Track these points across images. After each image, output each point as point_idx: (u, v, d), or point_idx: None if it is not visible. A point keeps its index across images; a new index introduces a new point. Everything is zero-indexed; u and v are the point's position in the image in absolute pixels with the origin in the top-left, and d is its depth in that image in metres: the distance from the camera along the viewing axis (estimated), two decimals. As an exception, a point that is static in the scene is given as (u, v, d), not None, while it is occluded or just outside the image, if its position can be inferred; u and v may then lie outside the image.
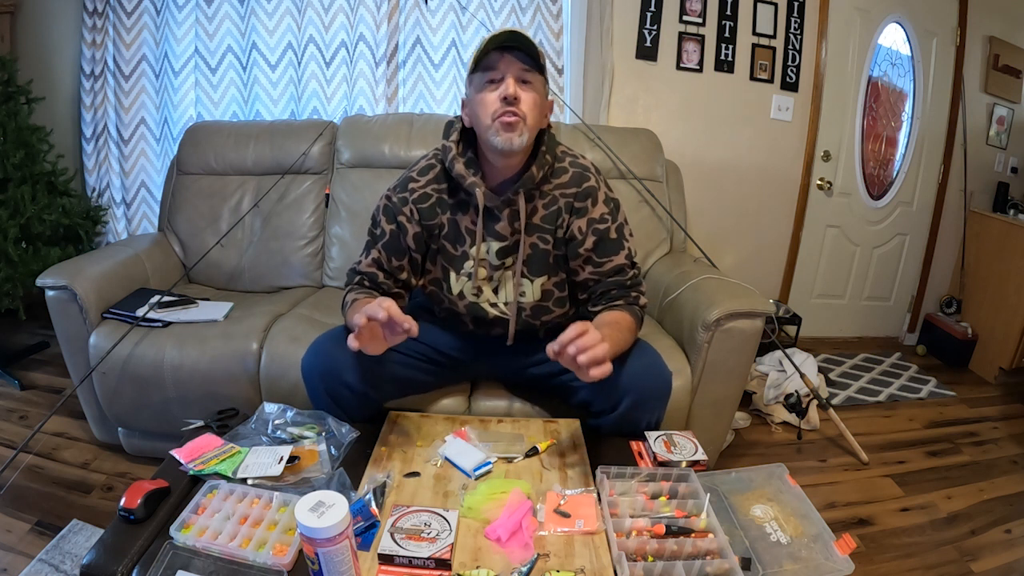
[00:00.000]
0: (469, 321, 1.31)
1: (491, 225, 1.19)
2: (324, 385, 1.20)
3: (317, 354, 1.23)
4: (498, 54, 1.07)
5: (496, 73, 1.08)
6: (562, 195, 1.20)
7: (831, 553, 0.91)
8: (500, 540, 0.89)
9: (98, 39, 2.36)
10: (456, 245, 1.22)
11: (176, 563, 0.82)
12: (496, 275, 1.23)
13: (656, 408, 1.21)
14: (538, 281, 1.24)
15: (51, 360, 2.29)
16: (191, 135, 2.15)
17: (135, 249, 1.91)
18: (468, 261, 1.22)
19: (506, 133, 1.08)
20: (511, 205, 1.18)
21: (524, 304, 1.25)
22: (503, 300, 1.26)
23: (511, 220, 1.19)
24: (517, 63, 1.07)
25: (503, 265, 1.22)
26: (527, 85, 1.09)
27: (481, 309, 1.26)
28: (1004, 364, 2.71)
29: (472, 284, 1.23)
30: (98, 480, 1.67)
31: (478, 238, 1.18)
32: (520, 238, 1.19)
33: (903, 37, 2.81)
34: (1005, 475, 1.99)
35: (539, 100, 1.11)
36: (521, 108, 1.07)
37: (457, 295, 1.26)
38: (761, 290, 1.73)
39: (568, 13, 2.44)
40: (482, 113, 1.09)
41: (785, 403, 2.22)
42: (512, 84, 1.06)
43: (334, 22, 2.39)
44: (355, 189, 2.06)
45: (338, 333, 1.24)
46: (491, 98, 1.08)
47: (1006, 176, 3.06)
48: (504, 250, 1.21)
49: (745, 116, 2.65)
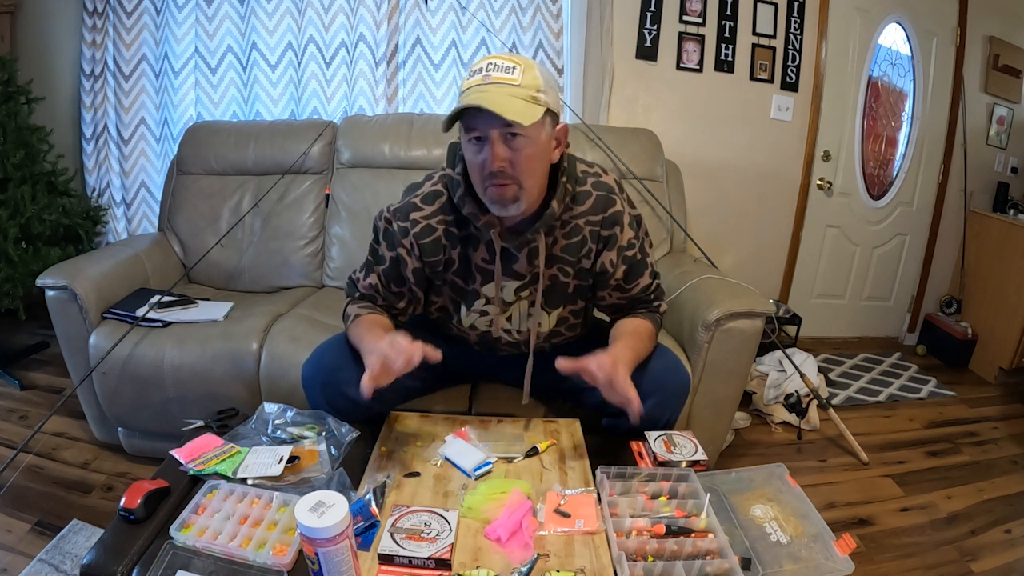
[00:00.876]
0: (475, 344, 1.29)
1: (508, 265, 1.09)
2: (325, 396, 1.19)
3: (318, 366, 1.21)
4: (473, 115, 0.92)
5: (476, 132, 0.94)
6: (587, 223, 1.10)
7: (831, 553, 0.91)
8: (500, 540, 0.89)
9: (98, 39, 2.36)
10: (467, 281, 1.13)
11: (176, 563, 0.82)
12: (511, 308, 1.17)
13: (676, 407, 1.22)
14: (555, 313, 1.19)
15: (51, 360, 2.29)
16: (191, 135, 2.15)
17: (135, 249, 1.91)
18: (480, 300, 1.14)
19: (501, 205, 0.98)
20: (530, 244, 1.08)
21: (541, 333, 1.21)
22: (516, 327, 1.21)
23: (529, 258, 1.09)
24: (499, 122, 0.91)
25: (518, 298, 1.16)
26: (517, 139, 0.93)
27: (490, 336, 1.23)
28: (1004, 364, 2.71)
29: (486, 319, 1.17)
30: (98, 480, 1.67)
31: (497, 277, 1.09)
32: (539, 270, 1.10)
33: (903, 37, 2.81)
34: (1005, 475, 1.99)
35: (535, 153, 0.96)
36: (512, 172, 0.94)
37: (468, 327, 1.21)
38: (761, 290, 1.72)
39: (568, 13, 2.44)
40: (472, 172, 0.99)
41: (785, 403, 2.22)
42: (496, 146, 0.92)
43: (334, 22, 2.39)
44: (355, 189, 2.06)
45: (339, 342, 1.22)
46: (477, 159, 0.96)
47: (1006, 176, 3.06)
48: (521, 287, 1.14)
49: (745, 116, 2.65)
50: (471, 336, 1.25)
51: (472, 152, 0.96)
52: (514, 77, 0.92)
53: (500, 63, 0.93)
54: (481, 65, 0.94)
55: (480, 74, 0.93)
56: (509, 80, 0.92)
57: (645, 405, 1.12)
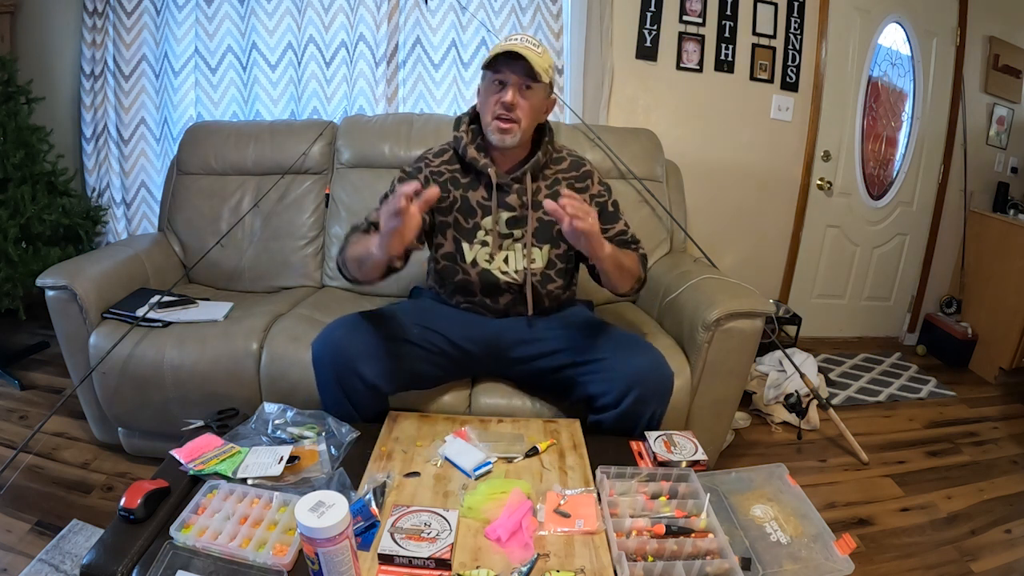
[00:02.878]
0: (479, 289, 1.37)
1: (502, 198, 1.32)
2: (335, 373, 1.21)
3: (329, 342, 1.24)
4: (506, 60, 1.19)
5: (502, 76, 1.21)
6: (563, 177, 1.36)
7: (831, 553, 0.91)
8: (500, 540, 0.89)
9: (98, 39, 2.36)
10: (468, 218, 1.34)
11: (176, 563, 0.82)
12: (506, 243, 1.34)
13: (658, 405, 1.25)
14: (545, 248, 1.36)
15: (51, 360, 2.29)
16: (191, 135, 2.15)
17: (135, 249, 1.91)
18: (480, 231, 1.33)
19: (500, 134, 1.24)
20: (519, 182, 1.32)
21: (534, 270, 1.35)
22: (513, 268, 1.36)
23: (520, 195, 1.33)
24: (522, 72, 1.20)
25: (512, 236, 1.34)
26: (528, 91, 1.23)
27: (492, 275, 1.35)
28: (1004, 364, 2.71)
29: (486, 250, 1.34)
30: (98, 480, 1.67)
31: (493, 209, 1.31)
32: (528, 213, 1.33)
33: (903, 37, 2.81)
34: (1005, 475, 1.99)
35: (537, 105, 1.26)
36: (517, 113, 1.22)
37: (471, 263, 1.35)
38: (761, 290, 1.72)
39: (568, 13, 2.44)
40: (485, 109, 1.26)
41: (785, 403, 2.22)
42: (513, 92, 1.21)
43: (334, 22, 2.39)
44: (355, 189, 2.06)
45: (350, 321, 1.27)
46: (493, 99, 1.23)
47: (1006, 176, 3.06)
48: (514, 220, 1.33)
49: (745, 116, 2.65)
50: (473, 275, 1.35)
51: (492, 91, 1.23)
52: (539, 51, 1.22)
53: (530, 40, 1.22)
54: (517, 37, 1.23)
55: (517, 39, 1.21)
56: (536, 51, 1.20)
57: (625, 400, 1.22)
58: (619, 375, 1.22)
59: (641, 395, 1.21)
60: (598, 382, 1.24)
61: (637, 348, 1.29)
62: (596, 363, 1.26)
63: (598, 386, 1.25)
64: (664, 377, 1.26)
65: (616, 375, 1.22)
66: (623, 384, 1.21)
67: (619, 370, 1.22)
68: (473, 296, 1.41)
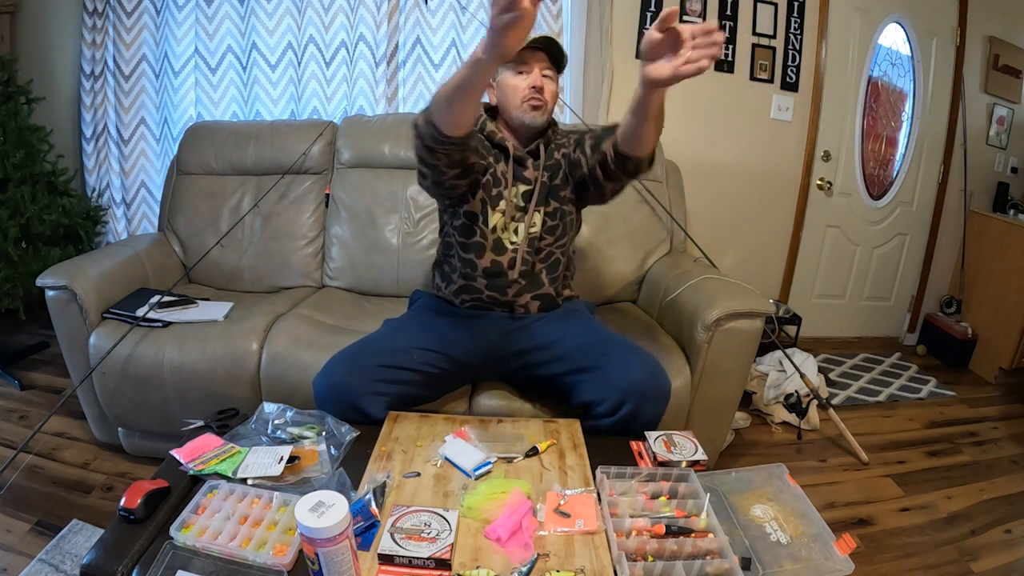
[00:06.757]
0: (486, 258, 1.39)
1: (519, 171, 1.41)
2: (338, 411, 1.22)
3: (330, 385, 1.25)
4: (530, 52, 1.32)
5: (527, 67, 1.34)
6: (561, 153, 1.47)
7: (831, 553, 0.91)
8: (500, 540, 0.89)
9: (98, 39, 2.36)
10: (493, 188, 1.41)
11: (176, 563, 0.82)
12: (518, 215, 1.41)
13: (655, 412, 1.25)
14: (543, 210, 1.43)
15: (51, 360, 2.29)
16: (191, 135, 2.15)
17: (135, 249, 1.91)
18: (502, 201, 1.41)
19: (532, 112, 1.35)
20: (534, 154, 1.42)
21: (533, 234, 1.41)
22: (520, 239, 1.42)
23: (533, 168, 1.41)
24: (544, 62, 1.34)
25: (524, 208, 1.42)
26: (547, 79, 1.36)
27: (502, 243, 1.40)
28: (1004, 364, 2.71)
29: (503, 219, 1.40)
30: (98, 480, 1.67)
31: (509, 181, 1.39)
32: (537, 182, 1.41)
33: (903, 37, 2.81)
34: (1005, 475, 1.99)
35: (553, 90, 1.39)
36: (544, 95, 1.35)
37: (491, 228, 1.40)
38: (761, 290, 1.72)
39: (568, 13, 2.44)
40: (512, 95, 1.36)
41: (785, 403, 2.22)
42: (538, 76, 1.33)
43: (334, 22, 2.39)
44: (355, 189, 2.06)
45: (350, 357, 1.28)
46: (522, 84, 1.34)
47: (1006, 176, 3.06)
48: (527, 194, 1.41)
49: (745, 116, 2.64)
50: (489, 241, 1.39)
51: (519, 80, 1.34)
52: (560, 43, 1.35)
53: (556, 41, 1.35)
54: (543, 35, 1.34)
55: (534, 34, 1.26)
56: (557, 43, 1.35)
57: (622, 409, 1.22)
58: (614, 385, 1.22)
59: (637, 406, 1.21)
60: (594, 391, 1.24)
61: (635, 357, 1.27)
62: (592, 371, 1.26)
63: (594, 395, 1.25)
64: (660, 387, 1.25)
65: (612, 385, 1.22)
66: (618, 394, 1.21)
67: (615, 380, 1.22)
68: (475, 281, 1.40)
